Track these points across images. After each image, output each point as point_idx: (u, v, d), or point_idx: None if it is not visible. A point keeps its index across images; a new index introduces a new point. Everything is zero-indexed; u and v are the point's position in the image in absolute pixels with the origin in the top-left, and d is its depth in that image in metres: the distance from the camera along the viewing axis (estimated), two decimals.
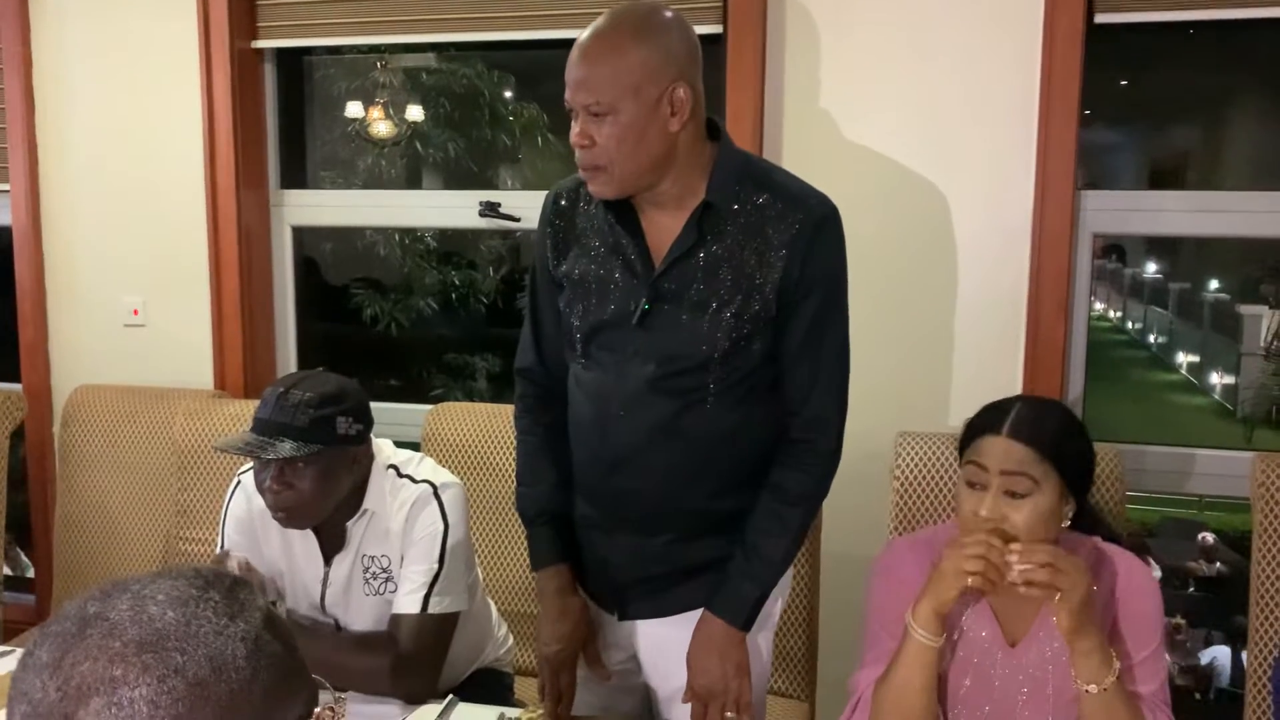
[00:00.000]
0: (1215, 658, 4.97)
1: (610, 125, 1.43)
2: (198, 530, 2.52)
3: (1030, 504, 1.44)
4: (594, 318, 1.56)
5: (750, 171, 1.54)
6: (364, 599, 1.79)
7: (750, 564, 1.55)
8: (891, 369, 2.33)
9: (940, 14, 2.24)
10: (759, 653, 1.65)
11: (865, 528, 2.35)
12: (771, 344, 1.53)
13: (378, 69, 4.28)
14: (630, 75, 1.41)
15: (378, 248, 4.99)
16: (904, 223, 2.30)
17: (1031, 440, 1.45)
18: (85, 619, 0.65)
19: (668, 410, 1.52)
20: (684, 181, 1.50)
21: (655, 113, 1.43)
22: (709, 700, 1.55)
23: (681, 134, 1.46)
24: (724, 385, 1.52)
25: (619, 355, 1.54)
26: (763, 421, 1.57)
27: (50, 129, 2.87)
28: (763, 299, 1.49)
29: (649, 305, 1.51)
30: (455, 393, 4.85)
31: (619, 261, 1.54)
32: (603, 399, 1.56)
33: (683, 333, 1.50)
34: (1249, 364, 6.23)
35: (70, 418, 2.75)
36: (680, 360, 1.51)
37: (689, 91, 1.44)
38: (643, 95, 1.42)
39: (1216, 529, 5.96)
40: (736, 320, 1.49)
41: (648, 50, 1.42)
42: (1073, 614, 1.37)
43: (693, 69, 1.47)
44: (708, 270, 1.50)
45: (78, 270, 2.90)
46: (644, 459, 1.55)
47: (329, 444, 1.66)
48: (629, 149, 1.44)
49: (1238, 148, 3.72)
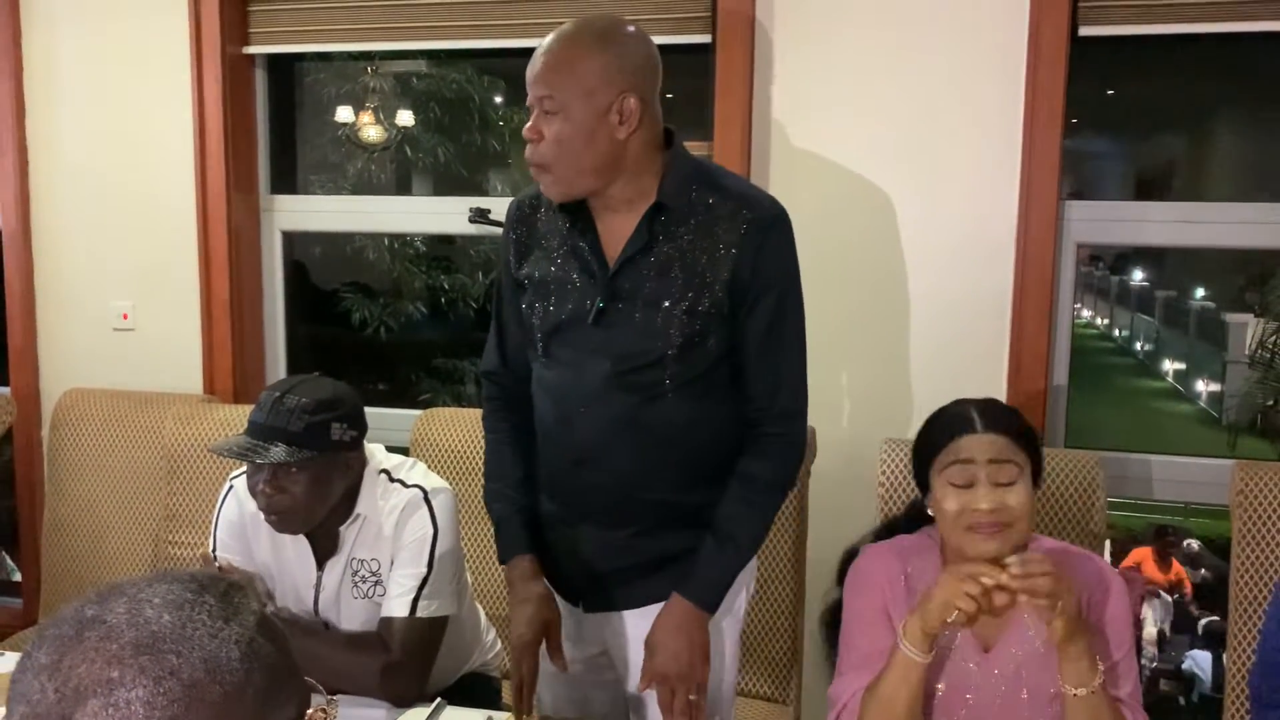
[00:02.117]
0: (1195, 663, 5.01)
1: (560, 124, 1.50)
2: (186, 534, 2.52)
3: (1021, 488, 1.48)
4: (553, 318, 1.61)
5: (701, 175, 1.59)
6: (353, 602, 1.80)
7: (721, 548, 1.59)
8: (876, 376, 2.35)
9: (926, 26, 2.27)
10: (723, 643, 1.68)
11: (850, 534, 2.36)
12: (727, 340, 1.58)
13: (368, 74, 4.29)
14: (584, 79, 1.48)
15: (367, 252, 5.00)
16: (889, 231, 2.32)
17: (1008, 429, 1.51)
18: (83, 622, 0.66)
19: (627, 405, 1.57)
20: (635, 186, 1.56)
21: (604, 118, 1.49)
22: (671, 683, 1.57)
23: (631, 142, 1.52)
24: (680, 380, 1.56)
25: (578, 353, 1.60)
26: (721, 415, 1.61)
27: (41, 133, 2.87)
28: (713, 296, 1.54)
29: (604, 304, 1.56)
30: (443, 397, 4.85)
31: (576, 263, 1.60)
32: (564, 396, 1.62)
33: (637, 330, 1.55)
34: (1234, 372, 6.29)
35: (59, 421, 2.75)
36: (636, 357, 1.56)
37: (639, 102, 1.50)
38: (594, 100, 1.48)
39: (1202, 536, 6.00)
40: (689, 316, 1.54)
41: (604, 58, 1.49)
42: (1069, 622, 1.40)
43: (646, 82, 1.53)
44: (660, 269, 1.55)
45: (67, 274, 2.90)
46: (606, 453, 1.60)
47: (323, 450, 1.67)
48: (574, 149, 1.50)
49: (1222, 158, 3.76)
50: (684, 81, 2.64)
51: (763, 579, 2.18)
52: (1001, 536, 1.46)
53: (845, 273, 2.34)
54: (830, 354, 2.34)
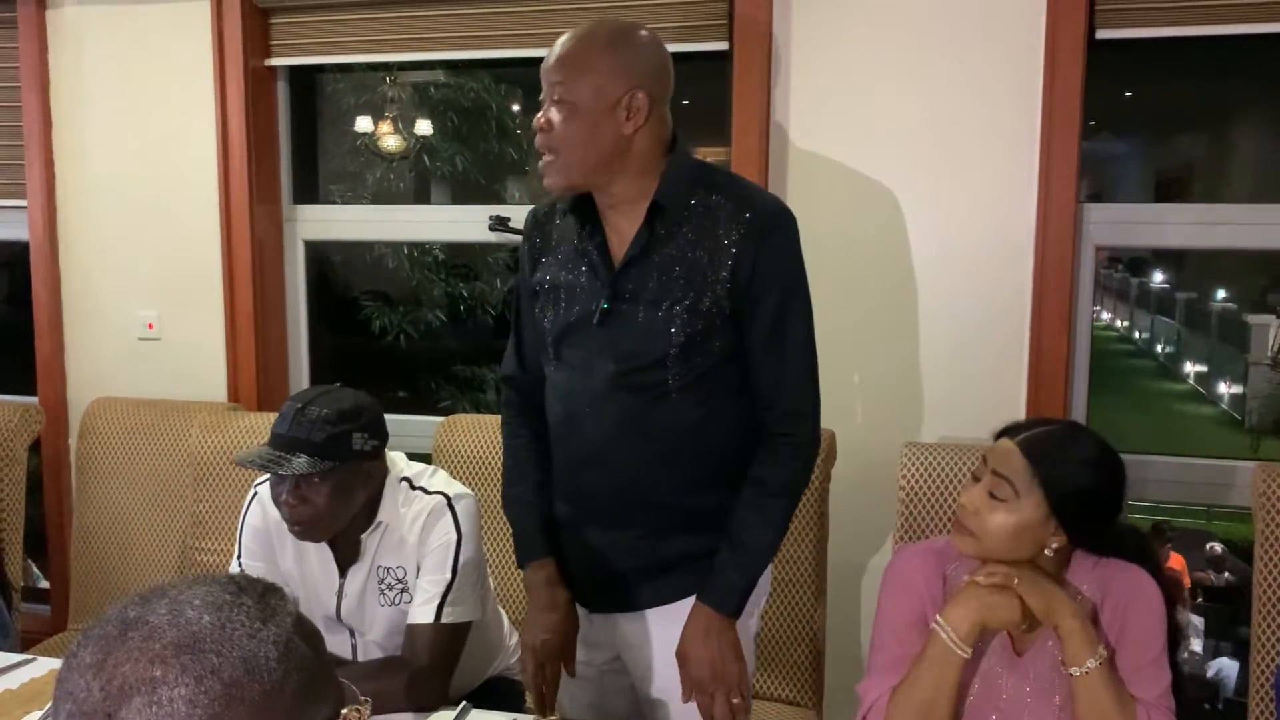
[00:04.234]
0: (1221, 668, 4.96)
1: (569, 114, 1.54)
2: (212, 541, 2.55)
3: (1004, 511, 1.47)
4: (563, 320, 1.64)
5: (703, 176, 1.61)
6: (379, 609, 1.81)
7: (735, 554, 1.59)
8: (896, 380, 2.36)
9: (942, 31, 2.27)
10: (748, 645, 1.68)
11: (870, 538, 2.38)
12: (733, 341, 1.59)
13: (386, 84, 4.33)
14: (595, 74, 1.52)
15: (386, 260, 5.04)
16: (907, 234, 2.33)
17: (1032, 456, 1.48)
18: (126, 623, 0.68)
19: (632, 406, 1.59)
20: (638, 185, 1.58)
21: (611, 112, 1.53)
22: (709, 689, 1.58)
23: (637, 138, 1.55)
24: (684, 381, 1.58)
25: (585, 354, 1.62)
26: (728, 418, 1.62)
27: (67, 146, 2.91)
28: (714, 296, 1.55)
29: (607, 305, 1.59)
30: (463, 404, 4.88)
31: (585, 266, 1.62)
32: (571, 397, 1.64)
33: (639, 330, 1.57)
34: (1256, 374, 6.24)
35: (87, 430, 2.78)
36: (639, 357, 1.57)
37: (647, 100, 1.53)
38: (603, 94, 1.53)
39: (1225, 539, 5.96)
40: (690, 316, 1.55)
41: (615, 56, 1.53)
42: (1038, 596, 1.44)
43: (656, 83, 1.56)
44: (662, 269, 1.57)
45: (93, 285, 2.94)
46: (612, 454, 1.61)
47: (344, 460, 1.69)
48: (580, 139, 1.54)
49: (1243, 159, 3.75)
50: (701, 88, 2.65)
51: (784, 583, 2.19)
52: (967, 538, 1.50)
53: (864, 277, 2.35)
54: (850, 358, 2.35)
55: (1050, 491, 1.47)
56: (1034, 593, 1.45)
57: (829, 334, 2.41)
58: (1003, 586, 1.45)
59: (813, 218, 2.38)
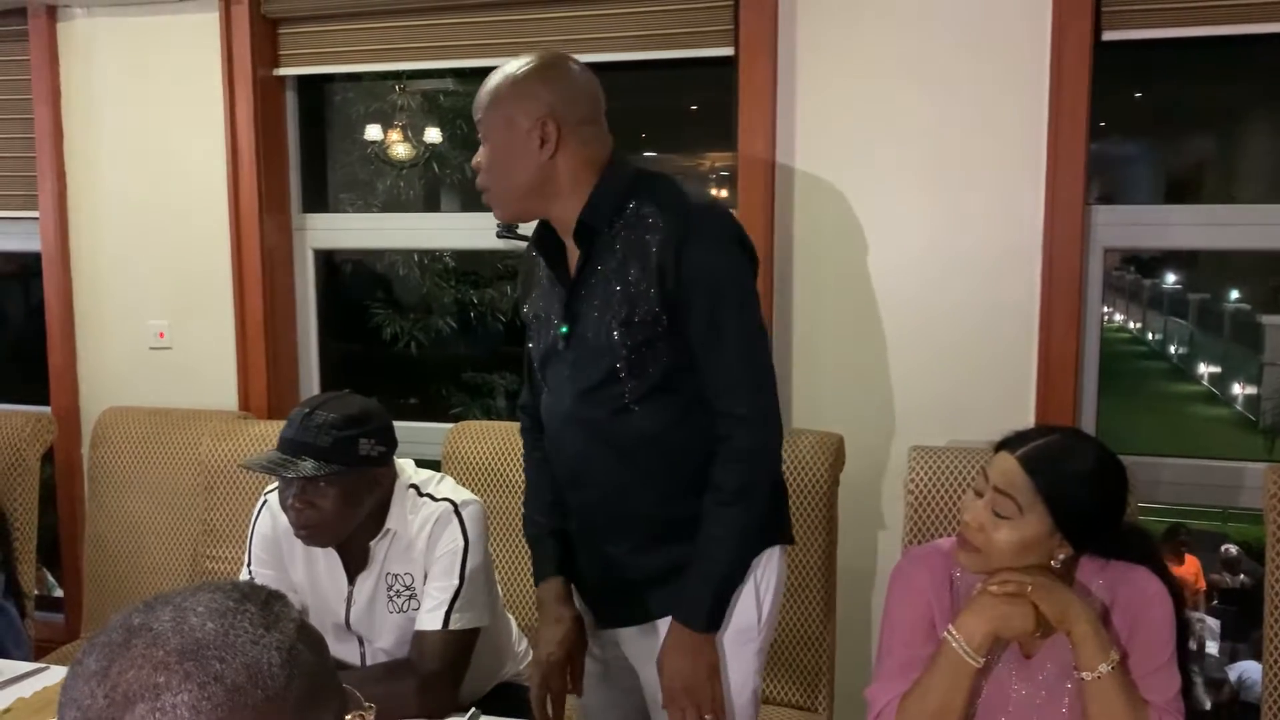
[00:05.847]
0: (1243, 673, 4.90)
1: (491, 149, 1.61)
2: (224, 549, 2.56)
3: (1008, 528, 1.47)
4: (541, 348, 1.71)
5: (639, 187, 1.62)
6: (388, 616, 1.82)
7: (701, 565, 1.61)
8: (904, 384, 2.35)
9: (948, 34, 2.27)
10: (739, 663, 1.67)
11: (880, 541, 2.38)
12: (680, 350, 1.59)
13: (396, 92, 4.34)
14: (503, 108, 1.59)
15: (397, 267, 5.05)
16: (915, 238, 2.32)
17: (1034, 471, 1.47)
18: (130, 629, 0.68)
19: (596, 422, 1.63)
20: (574, 207, 1.61)
21: (526, 143, 1.58)
22: (680, 703, 1.60)
23: (559, 163, 1.59)
24: (640, 393, 1.60)
25: (557, 378, 1.69)
26: (691, 426, 1.62)
27: (78, 157, 2.93)
28: (648, 305, 1.56)
29: (565, 329, 1.64)
30: (474, 411, 4.89)
31: (555, 294, 1.68)
32: (551, 419, 1.72)
33: (590, 348, 1.62)
34: (1271, 374, 6.20)
35: (99, 439, 2.80)
36: (593, 374, 1.62)
37: (555, 126, 1.57)
38: (514, 126, 1.58)
39: (1241, 541, 5.92)
40: (628, 329, 1.57)
41: (520, 88, 1.59)
42: (1053, 603, 1.43)
43: (569, 109, 1.59)
44: (603, 287, 1.60)
45: (105, 295, 2.96)
46: (587, 471, 1.67)
47: (350, 464, 1.70)
48: (502, 171, 1.61)
49: (1254, 159, 3.73)
50: (707, 95, 2.66)
51: (793, 586, 2.18)
52: (972, 554, 1.49)
53: (871, 281, 2.35)
54: (858, 361, 2.35)
55: (1053, 506, 1.46)
56: (1048, 599, 1.44)
57: (836, 338, 2.40)
58: (1016, 595, 1.45)
59: (820, 221, 2.39)
